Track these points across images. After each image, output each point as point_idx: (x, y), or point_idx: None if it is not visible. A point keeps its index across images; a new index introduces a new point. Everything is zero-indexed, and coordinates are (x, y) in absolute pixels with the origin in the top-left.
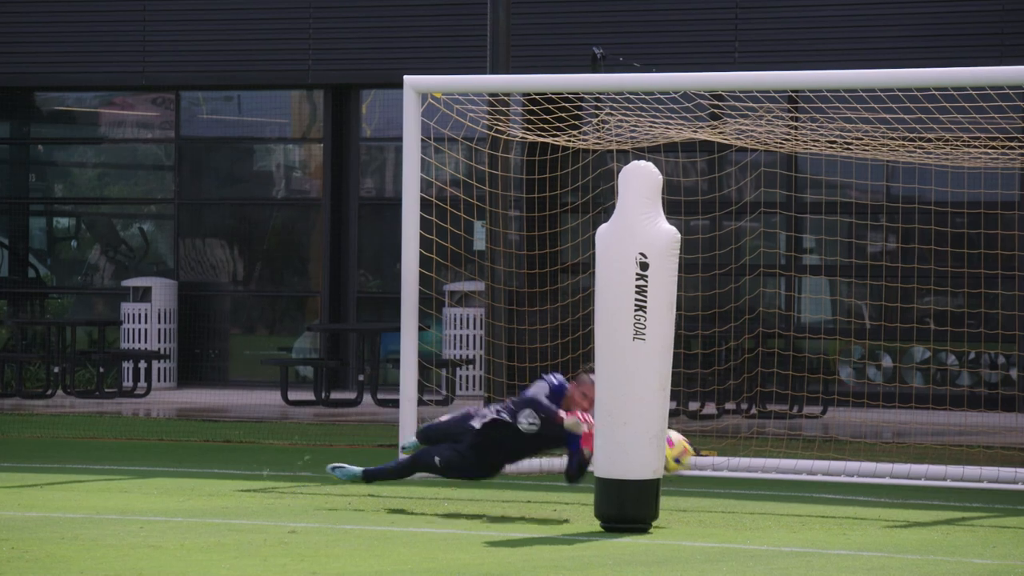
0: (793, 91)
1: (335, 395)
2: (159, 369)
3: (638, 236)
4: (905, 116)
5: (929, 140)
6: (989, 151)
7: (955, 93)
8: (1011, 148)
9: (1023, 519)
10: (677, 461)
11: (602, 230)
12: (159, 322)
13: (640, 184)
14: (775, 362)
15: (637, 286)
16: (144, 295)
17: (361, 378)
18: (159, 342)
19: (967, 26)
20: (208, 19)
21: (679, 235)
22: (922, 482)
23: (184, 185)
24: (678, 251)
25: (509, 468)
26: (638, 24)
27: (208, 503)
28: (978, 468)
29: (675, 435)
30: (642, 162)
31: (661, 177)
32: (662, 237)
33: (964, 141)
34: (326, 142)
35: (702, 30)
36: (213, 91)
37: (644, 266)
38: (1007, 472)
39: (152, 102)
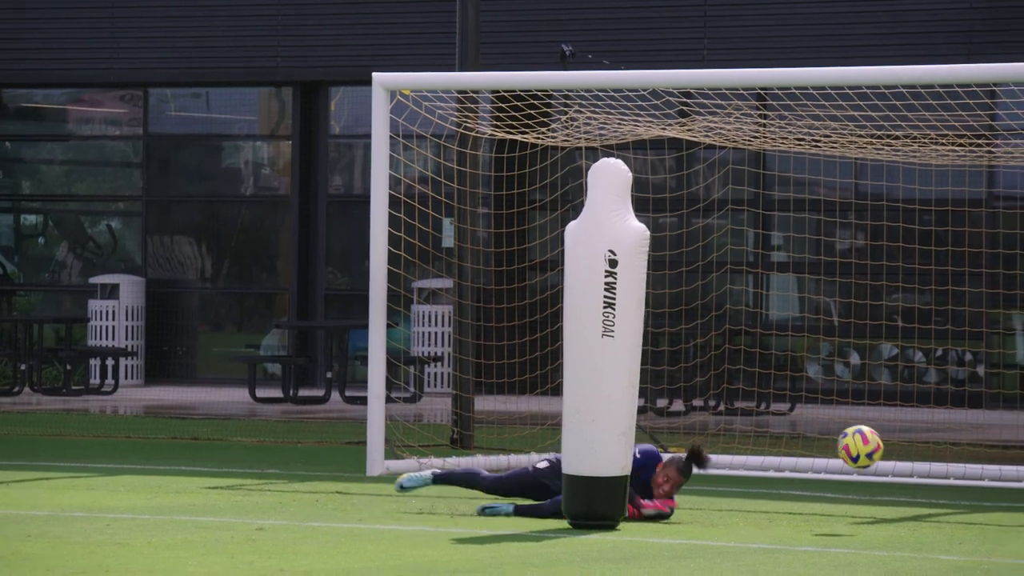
0: (761, 88)
1: (303, 392)
2: (127, 366)
3: (607, 233)
4: (873, 114)
5: (897, 138)
6: (956, 149)
7: (923, 91)
8: (978, 146)
9: (989, 515)
10: (869, 457)
11: (571, 227)
12: (127, 319)
13: (609, 181)
14: (743, 359)
15: (606, 283)
16: (112, 292)
17: (329, 375)
18: (127, 339)
19: (935, 24)
20: (177, 15)
21: (648, 232)
22: (889, 479)
23: (152, 182)
24: (647, 248)
25: None
26: (607, 21)
27: (175, 500)
28: (944, 465)
29: (867, 430)
30: (611, 159)
31: (630, 174)
32: (631, 234)
33: (932, 139)
34: (295, 139)
35: (671, 28)
36: (182, 88)
37: (613, 263)
38: (973, 469)
39: (120, 99)
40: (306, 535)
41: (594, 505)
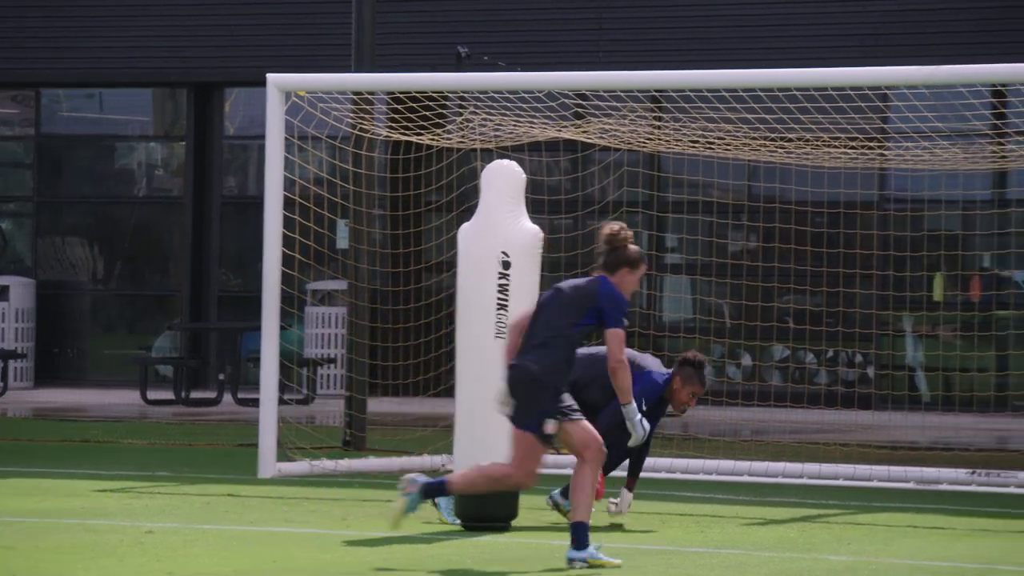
0: (656, 91)
1: (195, 394)
2: (16, 368)
3: (501, 235)
4: (767, 116)
5: (790, 140)
6: (849, 151)
7: (816, 93)
8: (870, 148)
9: (877, 516)
10: None
11: (465, 228)
12: (16, 321)
13: (503, 183)
14: None
15: (499, 284)
16: (1, 294)
17: (222, 377)
18: (16, 341)
19: (828, 27)
20: (69, 15)
21: (542, 234)
22: (779, 480)
23: (43, 183)
24: (540, 250)
25: None
26: (502, 24)
27: (64, 503)
28: (834, 465)
29: None
30: (505, 161)
31: (524, 176)
32: (525, 236)
33: (824, 141)
34: (188, 140)
35: (566, 30)
36: (74, 88)
37: (507, 265)
38: (863, 469)
39: (11, 99)
40: (196, 538)
41: (486, 507)
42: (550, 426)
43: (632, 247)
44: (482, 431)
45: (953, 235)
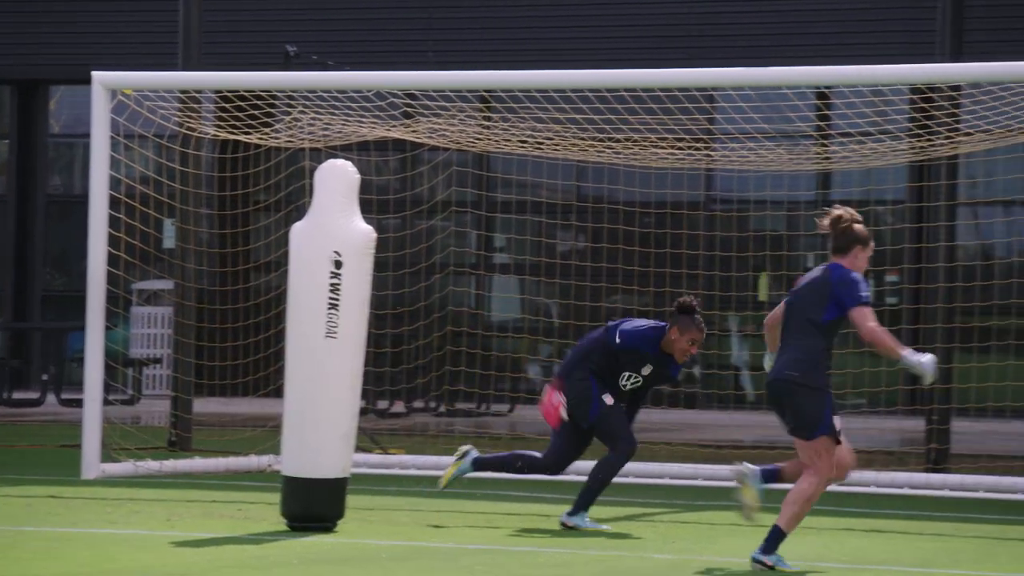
0: (485, 91)
1: (18, 395)
2: None
3: (333, 234)
4: (595, 116)
5: (618, 140)
6: (676, 152)
7: (643, 94)
8: (696, 149)
9: (702, 514)
10: None
11: (297, 228)
12: None
13: (337, 182)
14: (464, 360)
15: (331, 284)
16: None
17: (45, 378)
18: None
19: (655, 28)
20: None
21: (374, 234)
22: None
23: None
24: (372, 250)
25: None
26: (331, 22)
27: None
28: (660, 465)
29: None
30: (339, 161)
31: (358, 176)
32: (357, 236)
33: (652, 142)
34: (12, 138)
35: (395, 29)
36: None
37: (338, 264)
38: (687, 468)
39: None
40: (17, 540)
41: (313, 507)
42: (837, 421)
43: (858, 226)
44: (311, 432)
45: (778, 235)
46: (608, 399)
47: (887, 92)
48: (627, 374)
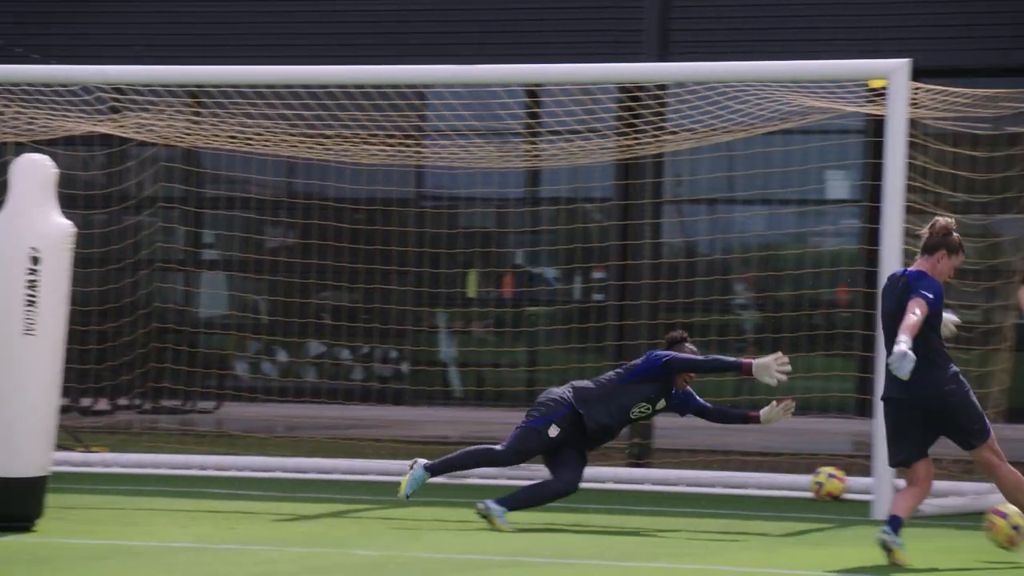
0: (195, 86)
1: None
2: None
3: (30, 230)
4: (306, 113)
5: (329, 137)
6: (386, 148)
7: (354, 90)
8: (407, 146)
9: (405, 511)
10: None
11: None
12: None
13: (32, 177)
14: (170, 357)
15: (28, 280)
16: None
17: None
18: None
19: (366, 24)
20: None
21: (73, 229)
22: (312, 476)
23: None
24: (71, 245)
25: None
26: (36, 15)
27: None
28: (367, 461)
29: (1012, 509)
30: (35, 155)
31: (55, 170)
32: (55, 231)
33: (362, 138)
34: None
35: (102, 23)
36: None
37: (36, 260)
38: (393, 465)
39: None
40: None
41: (9, 506)
42: (988, 417)
43: (956, 235)
44: (7, 430)
45: (487, 232)
46: (553, 431)
47: (595, 91)
48: (643, 404)
